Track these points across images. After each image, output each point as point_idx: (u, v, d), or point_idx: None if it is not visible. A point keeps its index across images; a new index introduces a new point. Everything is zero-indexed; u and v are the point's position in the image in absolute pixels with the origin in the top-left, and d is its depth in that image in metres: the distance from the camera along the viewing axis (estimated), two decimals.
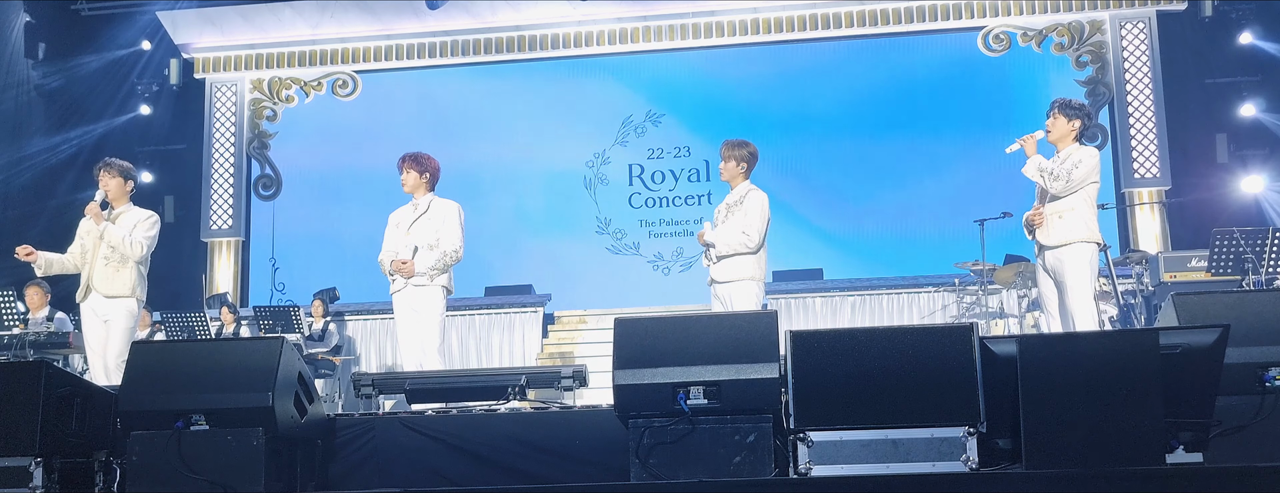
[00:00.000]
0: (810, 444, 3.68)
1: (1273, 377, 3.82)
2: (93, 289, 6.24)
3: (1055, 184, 5.71)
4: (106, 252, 6.25)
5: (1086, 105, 6.04)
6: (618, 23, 12.14)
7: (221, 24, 12.58)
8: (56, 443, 4.07)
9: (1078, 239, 5.69)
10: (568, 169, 12.31)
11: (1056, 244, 5.73)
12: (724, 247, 6.16)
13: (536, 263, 11.91)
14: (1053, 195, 5.76)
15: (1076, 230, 5.69)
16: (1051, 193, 5.76)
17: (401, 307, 6.31)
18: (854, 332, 3.84)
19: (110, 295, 6.24)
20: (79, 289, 6.30)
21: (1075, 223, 5.70)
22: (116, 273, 6.25)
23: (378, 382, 5.33)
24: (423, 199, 6.41)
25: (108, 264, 6.25)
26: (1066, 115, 5.85)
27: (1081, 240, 5.69)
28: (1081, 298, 5.63)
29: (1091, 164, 5.75)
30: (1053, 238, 5.75)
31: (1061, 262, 5.70)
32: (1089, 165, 5.73)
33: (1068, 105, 5.88)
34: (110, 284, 6.23)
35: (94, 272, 6.24)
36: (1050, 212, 5.77)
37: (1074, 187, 5.70)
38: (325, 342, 10.62)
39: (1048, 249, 5.78)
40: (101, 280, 6.23)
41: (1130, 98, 11.32)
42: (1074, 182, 5.69)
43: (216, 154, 12.79)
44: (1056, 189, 5.72)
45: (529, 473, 4.48)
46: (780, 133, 11.52)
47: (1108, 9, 11.46)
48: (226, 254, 12.61)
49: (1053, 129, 5.89)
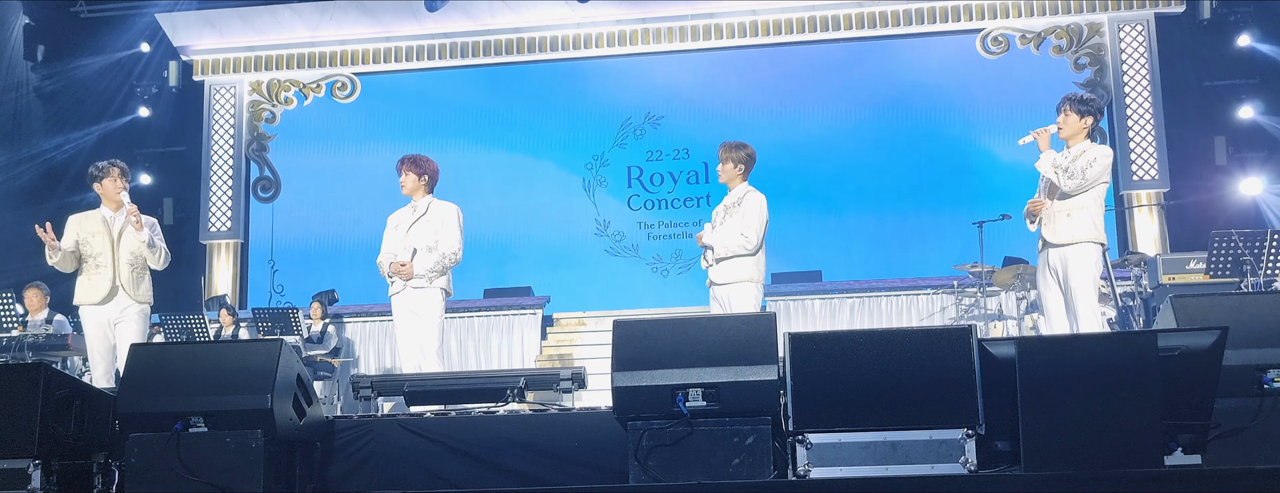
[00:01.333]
0: (809, 446, 3.68)
1: (1271, 379, 3.82)
2: (123, 293, 6.17)
3: (1069, 182, 5.60)
4: (129, 257, 6.22)
5: (1097, 100, 5.89)
6: (617, 25, 12.15)
7: (221, 26, 12.59)
8: (55, 445, 4.07)
9: (1085, 239, 5.60)
10: (567, 171, 12.32)
11: (1063, 242, 5.63)
12: (722, 249, 6.16)
13: (535, 265, 11.92)
14: (1063, 193, 5.66)
15: (1084, 230, 5.60)
16: (1063, 190, 5.64)
17: (400, 309, 6.31)
18: (853, 334, 3.85)
19: (141, 301, 6.24)
20: (91, 291, 6.18)
21: (1083, 222, 5.61)
22: (142, 278, 6.27)
23: (376, 384, 5.33)
24: (422, 201, 6.41)
25: (132, 269, 6.22)
26: (1078, 112, 5.72)
27: (1088, 240, 5.60)
28: (1086, 298, 5.55)
29: (1105, 163, 5.65)
30: (1059, 236, 5.65)
31: (1067, 261, 5.61)
32: (1103, 164, 5.63)
33: (1079, 101, 5.76)
34: (137, 289, 6.22)
35: (122, 276, 6.18)
36: (1058, 209, 5.67)
37: (1087, 186, 5.60)
38: (324, 344, 10.62)
39: (1053, 247, 5.68)
40: (131, 285, 6.20)
41: (1129, 100, 11.33)
42: (1088, 181, 5.60)
43: (215, 156, 12.79)
44: (1070, 187, 5.61)
45: (527, 475, 4.48)
46: (779, 135, 11.51)
47: (1106, 11, 11.47)
48: (225, 256, 12.61)
49: (1064, 126, 5.76)
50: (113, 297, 6.18)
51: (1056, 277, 5.69)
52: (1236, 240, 7.68)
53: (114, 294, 6.17)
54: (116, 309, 6.18)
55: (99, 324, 6.20)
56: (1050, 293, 5.74)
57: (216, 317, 10.78)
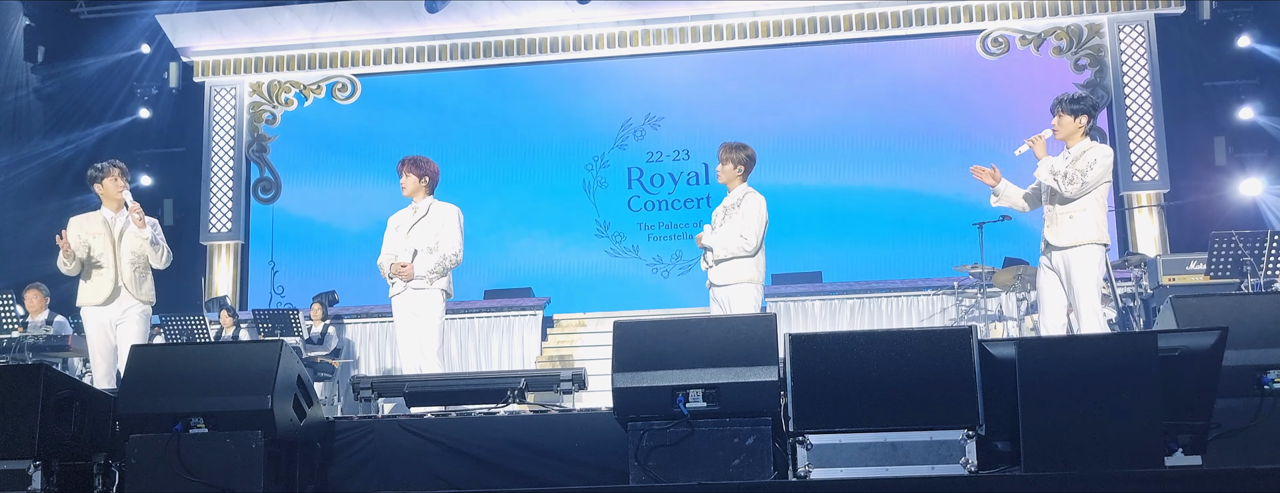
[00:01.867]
0: (809, 447, 3.68)
1: (1271, 379, 3.82)
2: (125, 293, 6.15)
3: (1071, 188, 5.49)
4: (131, 257, 6.21)
5: (1089, 97, 5.78)
6: (617, 26, 12.15)
7: (221, 27, 12.60)
8: (55, 446, 4.07)
9: (1089, 241, 5.51)
10: (567, 172, 12.32)
11: (1067, 245, 5.54)
12: (721, 250, 6.15)
13: (536, 266, 11.92)
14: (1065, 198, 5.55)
15: (1088, 231, 5.51)
16: (1065, 196, 5.54)
17: (401, 310, 6.31)
18: (853, 335, 3.85)
19: (144, 301, 6.24)
20: (93, 292, 6.16)
21: (1087, 223, 5.52)
22: (144, 277, 6.26)
23: (377, 385, 5.33)
24: (422, 202, 6.41)
25: (134, 269, 6.21)
26: (1072, 112, 5.63)
27: (1092, 242, 5.51)
28: (1089, 300, 5.48)
29: (1106, 164, 5.53)
30: (1063, 238, 5.55)
31: (1070, 263, 5.53)
32: (1104, 165, 5.52)
33: (1072, 101, 5.66)
34: (139, 289, 6.22)
35: (124, 276, 6.16)
36: (1061, 211, 5.57)
37: (1089, 189, 5.51)
38: (324, 345, 10.62)
39: (1057, 249, 5.59)
40: (134, 285, 6.19)
41: (1129, 101, 11.33)
42: (1089, 184, 5.50)
43: (216, 157, 12.80)
44: (1072, 193, 5.50)
45: (528, 476, 4.48)
46: (779, 136, 11.51)
47: (1106, 12, 11.48)
48: (226, 257, 12.62)
49: (1059, 128, 5.67)
50: (115, 297, 6.16)
51: (1059, 278, 5.63)
52: (1236, 241, 7.68)
53: (117, 295, 6.16)
54: (118, 310, 6.17)
55: (101, 325, 6.18)
56: (1050, 294, 5.67)
57: (217, 318, 10.78)
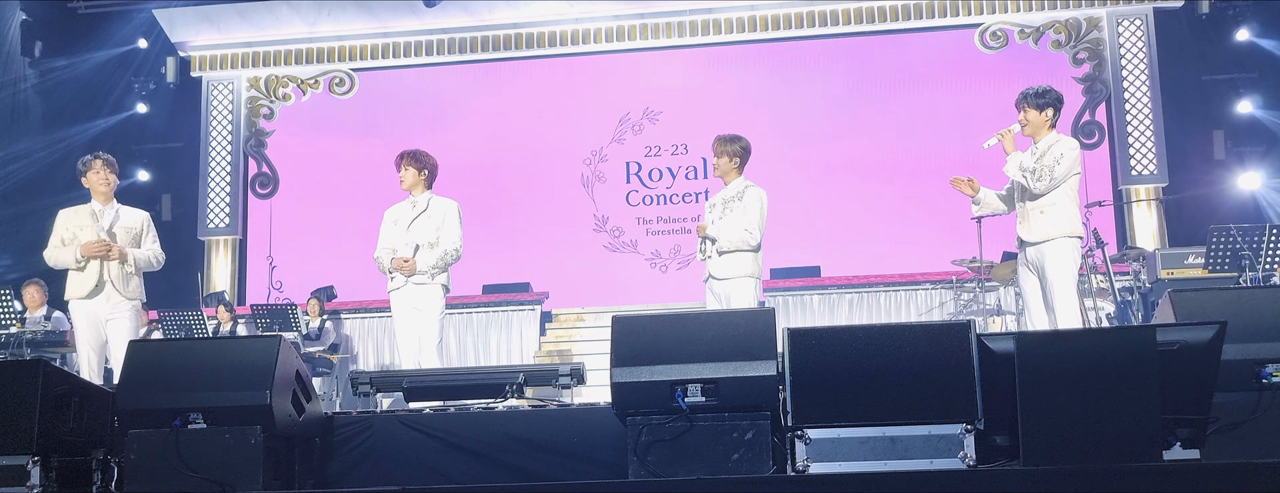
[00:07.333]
0: (808, 441, 3.68)
1: (1270, 373, 3.82)
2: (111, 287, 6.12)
3: (1039, 184, 5.55)
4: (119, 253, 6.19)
5: (1053, 90, 5.75)
6: (615, 20, 12.14)
7: (218, 22, 12.57)
8: (54, 442, 4.06)
9: (1061, 234, 5.55)
10: (565, 167, 12.31)
11: (1039, 240, 5.59)
12: (726, 242, 6.15)
13: (534, 261, 11.91)
14: (1034, 194, 5.60)
15: (1060, 225, 5.56)
16: (1035, 192, 5.59)
17: (401, 304, 6.30)
18: (852, 329, 3.85)
19: (131, 298, 6.20)
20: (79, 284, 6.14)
21: (1058, 218, 5.56)
22: (131, 274, 6.22)
23: (375, 380, 5.32)
24: (421, 197, 6.40)
25: (121, 264, 6.17)
26: (1037, 107, 5.64)
27: (1064, 235, 5.55)
28: (1065, 294, 5.52)
29: (1073, 156, 5.57)
30: (1035, 234, 5.61)
31: (1043, 257, 5.58)
32: (1071, 159, 5.56)
33: (1036, 95, 5.66)
34: (126, 286, 6.18)
35: (110, 270, 6.12)
36: (1032, 207, 5.62)
37: (1057, 184, 5.56)
38: (322, 340, 10.62)
39: (1029, 245, 5.66)
40: (121, 282, 6.15)
41: (1127, 95, 11.33)
42: (1057, 179, 5.54)
43: (213, 152, 12.78)
44: (1040, 189, 5.55)
45: (527, 471, 4.48)
46: (777, 130, 11.51)
47: (1105, 6, 11.47)
48: (223, 252, 12.61)
49: (1026, 123, 5.69)
50: (100, 290, 6.13)
51: (1035, 273, 5.67)
52: (1235, 235, 7.69)
53: (102, 288, 6.12)
54: (107, 306, 6.14)
55: (88, 318, 6.15)
56: (1030, 289, 5.73)
57: (215, 313, 10.78)
